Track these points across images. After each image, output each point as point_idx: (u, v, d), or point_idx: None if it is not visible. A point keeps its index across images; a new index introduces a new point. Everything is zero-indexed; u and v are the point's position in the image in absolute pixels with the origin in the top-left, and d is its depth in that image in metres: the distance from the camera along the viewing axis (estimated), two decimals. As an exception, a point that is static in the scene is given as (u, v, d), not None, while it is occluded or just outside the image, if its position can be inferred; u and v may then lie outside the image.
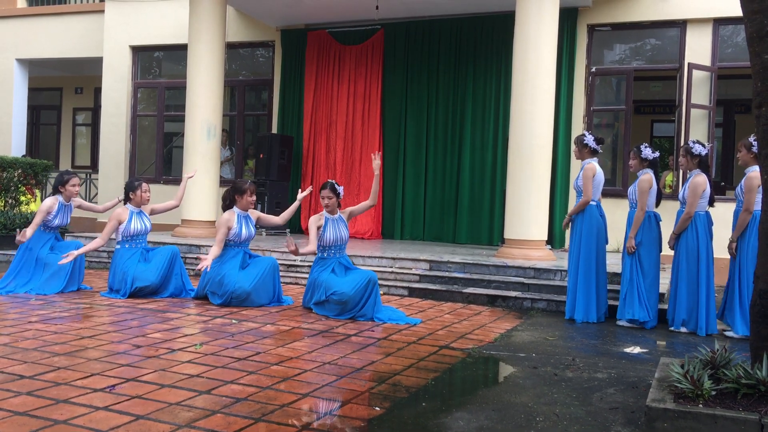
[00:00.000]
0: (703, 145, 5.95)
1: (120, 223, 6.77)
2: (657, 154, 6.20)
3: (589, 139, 6.37)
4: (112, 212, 6.85)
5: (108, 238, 6.87)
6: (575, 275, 6.31)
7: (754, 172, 5.65)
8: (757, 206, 5.59)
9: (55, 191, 7.13)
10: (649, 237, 6.10)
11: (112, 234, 6.86)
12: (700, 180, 5.86)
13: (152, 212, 7.13)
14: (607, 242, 6.43)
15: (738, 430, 3.01)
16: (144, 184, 6.99)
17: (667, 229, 6.24)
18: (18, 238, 6.74)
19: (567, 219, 6.52)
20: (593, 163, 6.34)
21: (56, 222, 7.02)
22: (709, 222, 5.93)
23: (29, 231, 6.84)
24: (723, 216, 6.89)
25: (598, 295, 6.30)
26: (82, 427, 3.06)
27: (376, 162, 6.39)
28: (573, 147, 6.51)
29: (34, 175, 11.37)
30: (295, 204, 6.81)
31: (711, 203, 5.93)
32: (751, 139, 5.72)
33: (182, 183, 7.49)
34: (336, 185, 6.31)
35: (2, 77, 13.93)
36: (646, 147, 6.19)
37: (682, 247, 5.93)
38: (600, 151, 6.46)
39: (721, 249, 6.11)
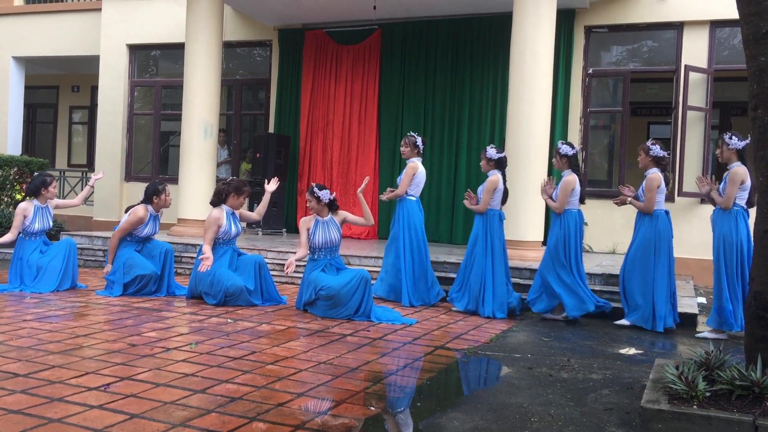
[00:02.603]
0: (572, 146, 6.35)
1: (140, 225, 6.74)
2: (503, 154, 6.54)
3: (418, 140, 6.94)
4: (134, 211, 6.74)
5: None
6: (404, 265, 6.72)
7: (653, 173, 6.06)
8: (659, 206, 6.06)
9: (36, 194, 6.98)
10: (498, 234, 6.45)
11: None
12: (570, 179, 6.22)
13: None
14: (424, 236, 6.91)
15: (732, 431, 3.01)
16: (168, 188, 6.96)
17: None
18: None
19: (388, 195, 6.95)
20: (416, 162, 6.87)
21: (36, 227, 6.89)
22: (581, 219, 6.34)
23: (10, 235, 6.85)
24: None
25: (417, 283, 6.78)
26: (76, 425, 3.05)
27: (361, 188, 6.57)
28: (403, 147, 7.04)
29: (30, 173, 11.34)
30: (266, 197, 6.85)
31: (582, 201, 6.35)
32: (649, 143, 6.15)
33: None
34: (316, 189, 6.23)
35: (-1, 75, 13.91)
36: (491, 147, 6.56)
37: (558, 243, 6.24)
38: (421, 150, 6.99)
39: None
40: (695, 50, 9.43)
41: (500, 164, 6.51)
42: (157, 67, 13.14)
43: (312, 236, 6.20)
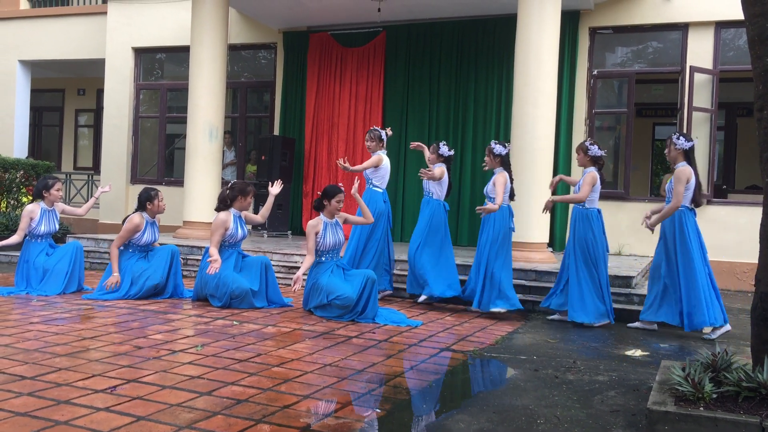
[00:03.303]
0: (504, 145, 6.63)
1: (137, 233, 6.76)
2: (452, 152, 7.06)
3: (383, 134, 7.27)
4: (130, 219, 6.72)
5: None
6: (372, 251, 7.06)
7: (591, 172, 6.28)
8: (592, 204, 6.29)
9: (39, 196, 7.05)
10: (437, 222, 6.84)
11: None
12: (502, 177, 6.53)
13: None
14: (390, 226, 7.29)
15: (739, 433, 3.01)
16: (161, 193, 6.98)
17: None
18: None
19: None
20: (381, 154, 7.22)
21: (43, 229, 6.92)
22: (510, 214, 6.63)
23: (16, 237, 6.88)
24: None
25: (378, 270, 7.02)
26: (83, 427, 3.06)
27: (353, 189, 6.58)
28: (368, 142, 7.33)
29: (36, 176, 11.38)
30: (270, 200, 6.87)
31: (512, 198, 6.71)
32: (587, 143, 6.37)
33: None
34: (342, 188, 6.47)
35: (5, 79, 13.96)
36: (444, 145, 7.02)
37: (492, 235, 6.53)
38: (385, 143, 7.31)
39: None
40: (700, 51, 9.41)
41: (447, 161, 7.02)
42: (162, 70, 13.18)
43: (322, 238, 6.21)
